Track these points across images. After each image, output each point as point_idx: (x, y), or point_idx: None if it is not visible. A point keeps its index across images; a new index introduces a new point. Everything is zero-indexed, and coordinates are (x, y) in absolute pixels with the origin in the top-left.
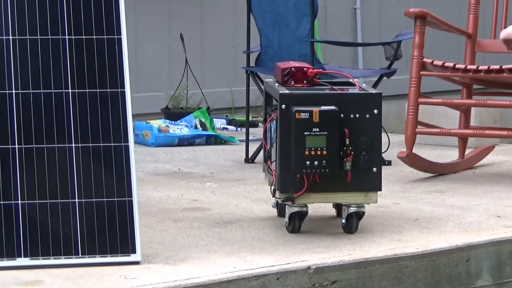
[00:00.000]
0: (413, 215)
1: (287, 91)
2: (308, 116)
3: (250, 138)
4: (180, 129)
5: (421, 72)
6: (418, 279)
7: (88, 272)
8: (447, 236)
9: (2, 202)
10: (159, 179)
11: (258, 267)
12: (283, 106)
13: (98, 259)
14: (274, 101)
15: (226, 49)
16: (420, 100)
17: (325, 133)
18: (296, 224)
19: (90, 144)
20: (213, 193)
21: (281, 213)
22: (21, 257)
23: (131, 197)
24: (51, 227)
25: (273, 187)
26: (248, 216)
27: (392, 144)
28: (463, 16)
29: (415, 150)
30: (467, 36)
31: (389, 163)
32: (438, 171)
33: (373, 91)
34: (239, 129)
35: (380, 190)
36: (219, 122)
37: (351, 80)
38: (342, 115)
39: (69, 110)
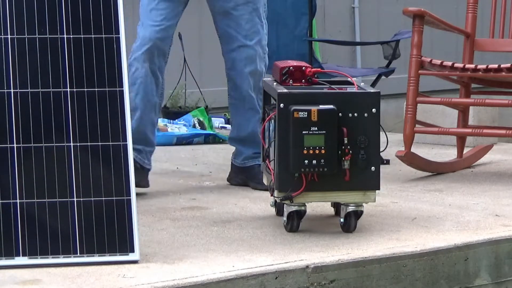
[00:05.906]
0: (411, 214)
1: (285, 90)
2: (306, 115)
3: None
4: (178, 128)
5: (420, 71)
6: (416, 278)
7: (86, 271)
8: (445, 235)
9: (0, 201)
10: (158, 178)
11: (257, 266)
12: (282, 105)
13: (96, 258)
14: (273, 100)
15: None
16: (418, 99)
17: (324, 132)
18: (295, 223)
19: (89, 143)
20: (211, 192)
21: (279, 212)
22: (20, 256)
23: (130, 196)
24: (50, 226)
25: (271, 186)
26: (246, 215)
27: (391, 143)
28: (462, 15)
29: (414, 149)
30: (465, 35)
31: (387, 162)
32: (436, 170)
33: (372, 90)
34: None
35: (379, 189)
36: (218, 121)
37: (349, 79)
38: (340, 114)
39: (68, 109)
